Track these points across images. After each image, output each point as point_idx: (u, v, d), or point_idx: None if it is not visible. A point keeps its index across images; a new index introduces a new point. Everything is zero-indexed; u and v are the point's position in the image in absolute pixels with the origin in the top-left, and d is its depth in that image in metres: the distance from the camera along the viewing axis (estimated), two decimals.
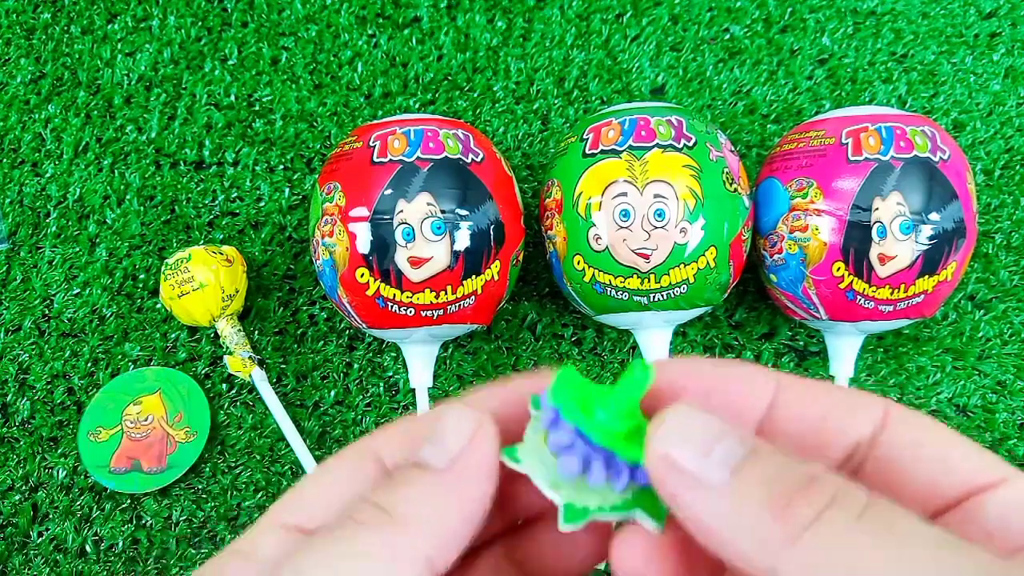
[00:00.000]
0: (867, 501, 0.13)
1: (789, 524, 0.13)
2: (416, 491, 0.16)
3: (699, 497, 0.15)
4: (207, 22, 0.56)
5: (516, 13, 0.56)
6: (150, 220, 0.52)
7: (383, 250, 0.40)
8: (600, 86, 0.55)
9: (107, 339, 0.49)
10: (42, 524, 0.46)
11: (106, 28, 0.56)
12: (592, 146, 0.42)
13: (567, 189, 0.42)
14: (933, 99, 0.54)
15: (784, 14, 0.56)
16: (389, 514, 0.15)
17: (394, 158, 0.41)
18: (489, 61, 0.55)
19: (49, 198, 0.53)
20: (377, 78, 0.55)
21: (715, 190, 0.40)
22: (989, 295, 0.50)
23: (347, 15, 0.56)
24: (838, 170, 0.41)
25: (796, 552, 0.13)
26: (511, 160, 0.53)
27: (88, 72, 0.55)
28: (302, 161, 0.53)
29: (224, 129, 0.54)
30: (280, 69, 0.55)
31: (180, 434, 0.46)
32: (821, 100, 0.54)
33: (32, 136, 0.54)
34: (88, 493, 0.46)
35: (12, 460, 0.47)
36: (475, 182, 0.41)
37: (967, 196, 0.41)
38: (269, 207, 0.52)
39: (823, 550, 0.13)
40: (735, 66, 0.55)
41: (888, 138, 0.40)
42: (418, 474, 0.16)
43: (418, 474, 0.16)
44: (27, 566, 0.45)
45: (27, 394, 0.48)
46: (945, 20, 0.56)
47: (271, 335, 0.49)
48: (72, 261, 0.51)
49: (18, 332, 0.50)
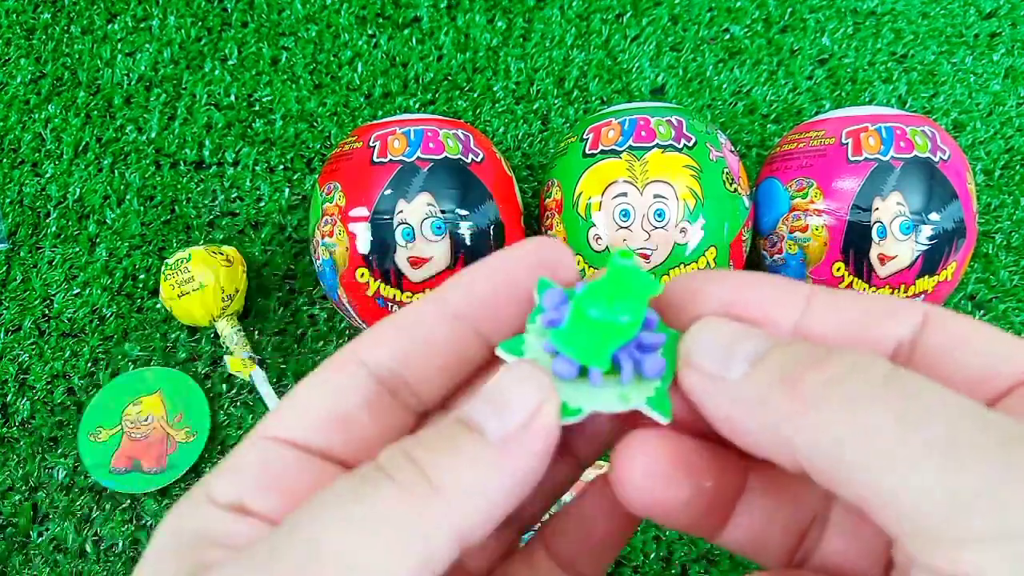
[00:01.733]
0: (888, 371, 0.13)
1: (801, 394, 0.13)
2: (463, 461, 0.14)
3: (720, 389, 0.14)
4: (207, 22, 0.56)
5: (516, 13, 0.56)
6: (150, 220, 0.52)
7: (383, 250, 0.40)
8: (600, 86, 0.55)
9: (107, 339, 0.49)
10: (42, 524, 0.46)
11: (106, 28, 0.56)
12: (592, 146, 0.42)
13: (567, 189, 0.42)
14: (933, 99, 0.54)
15: (784, 14, 0.56)
16: (429, 479, 0.14)
17: (394, 158, 0.41)
18: (489, 61, 0.55)
19: (49, 198, 0.53)
20: (377, 78, 0.55)
21: (715, 190, 0.40)
22: (989, 295, 0.50)
23: (347, 15, 0.56)
24: (838, 170, 0.41)
25: (809, 420, 0.13)
26: (511, 160, 0.53)
27: (88, 72, 0.55)
28: (302, 161, 0.53)
29: (224, 129, 0.54)
30: (280, 69, 0.55)
31: (180, 434, 0.46)
32: (821, 100, 0.54)
33: (32, 136, 0.54)
34: (88, 493, 0.46)
35: (12, 460, 0.47)
36: (475, 182, 0.41)
37: (967, 196, 0.41)
38: (269, 207, 0.52)
39: (838, 417, 0.13)
40: (735, 66, 0.55)
41: (888, 138, 0.40)
42: (467, 439, 0.14)
43: (467, 439, 0.14)
44: (27, 566, 0.45)
45: (27, 394, 0.48)
46: (945, 20, 0.56)
47: (271, 335, 0.49)
48: (72, 261, 0.51)
49: (18, 332, 0.50)
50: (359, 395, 0.16)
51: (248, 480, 0.15)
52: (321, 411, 0.16)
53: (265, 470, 0.16)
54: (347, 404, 0.16)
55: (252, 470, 0.16)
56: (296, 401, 0.16)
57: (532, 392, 0.15)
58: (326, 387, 0.16)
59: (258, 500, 0.15)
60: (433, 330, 0.17)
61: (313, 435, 0.16)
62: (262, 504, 0.15)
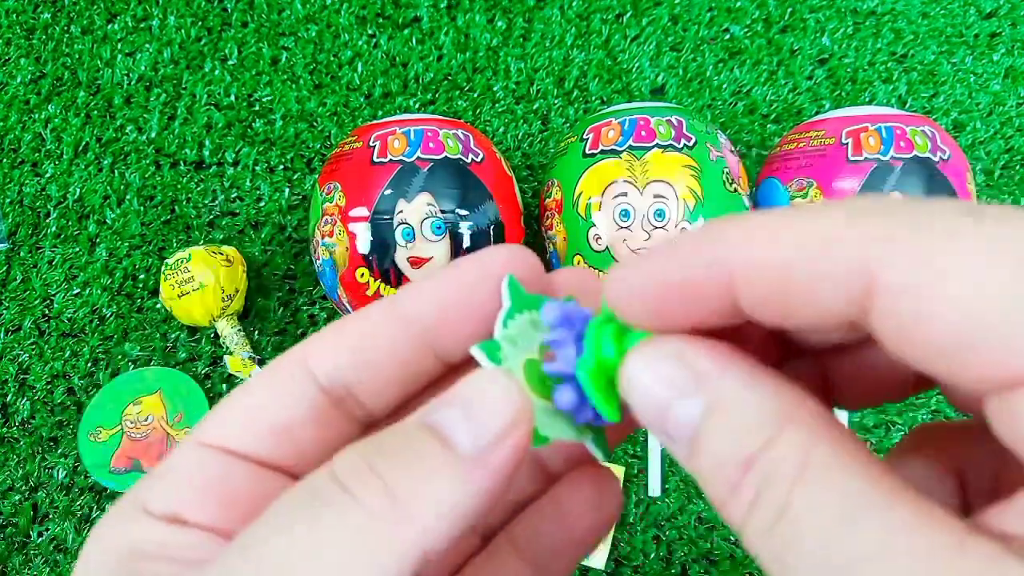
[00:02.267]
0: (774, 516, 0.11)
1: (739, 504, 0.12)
2: (428, 474, 0.13)
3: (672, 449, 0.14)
4: (207, 22, 0.56)
5: (516, 13, 0.56)
6: (150, 220, 0.52)
7: (383, 250, 0.40)
8: (600, 86, 0.55)
9: (107, 339, 0.49)
10: (42, 524, 0.46)
11: (106, 28, 0.56)
12: (592, 146, 0.42)
13: (567, 189, 0.42)
14: (933, 99, 0.54)
15: (784, 14, 0.56)
16: (392, 495, 0.13)
17: (394, 158, 0.41)
18: (489, 61, 0.55)
19: (49, 198, 0.53)
20: (377, 78, 0.55)
21: (715, 190, 0.40)
22: None
23: (347, 15, 0.56)
24: (838, 170, 0.41)
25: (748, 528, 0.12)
26: (511, 160, 0.53)
27: (88, 72, 0.55)
28: (302, 161, 0.53)
29: (224, 129, 0.54)
30: (280, 69, 0.55)
31: (180, 434, 0.46)
32: (821, 100, 0.54)
33: (32, 136, 0.54)
34: (88, 493, 0.46)
35: (12, 460, 0.47)
36: (475, 182, 0.41)
37: (967, 196, 0.41)
38: (269, 207, 0.52)
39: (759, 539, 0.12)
40: (735, 66, 0.55)
41: (888, 138, 0.40)
42: (434, 449, 0.13)
43: (434, 449, 0.13)
44: (27, 566, 0.45)
45: (27, 394, 0.48)
46: (945, 20, 0.56)
47: (271, 335, 0.49)
48: (72, 261, 0.51)
49: (18, 332, 0.50)
50: (302, 403, 0.15)
51: (184, 489, 0.15)
52: (261, 418, 0.15)
53: (202, 478, 0.15)
54: (289, 412, 0.15)
55: (188, 479, 0.15)
56: (234, 406, 0.16)
57: (509, 409, 0.14)
58: (266, 393, 0.16)
59: (195, 510, 0.14)
60: (383, 339, 0.16)
61: (251, 442, 0.15)
62: (199, 514, 0.14)
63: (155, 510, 0.14)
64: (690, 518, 0.46)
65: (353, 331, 0.16)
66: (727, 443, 0.12)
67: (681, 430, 0.13)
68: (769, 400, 0.12)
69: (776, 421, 0.12)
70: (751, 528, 0.12)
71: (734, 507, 0.12)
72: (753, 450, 0.12)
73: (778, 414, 0.12)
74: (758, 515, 0.12)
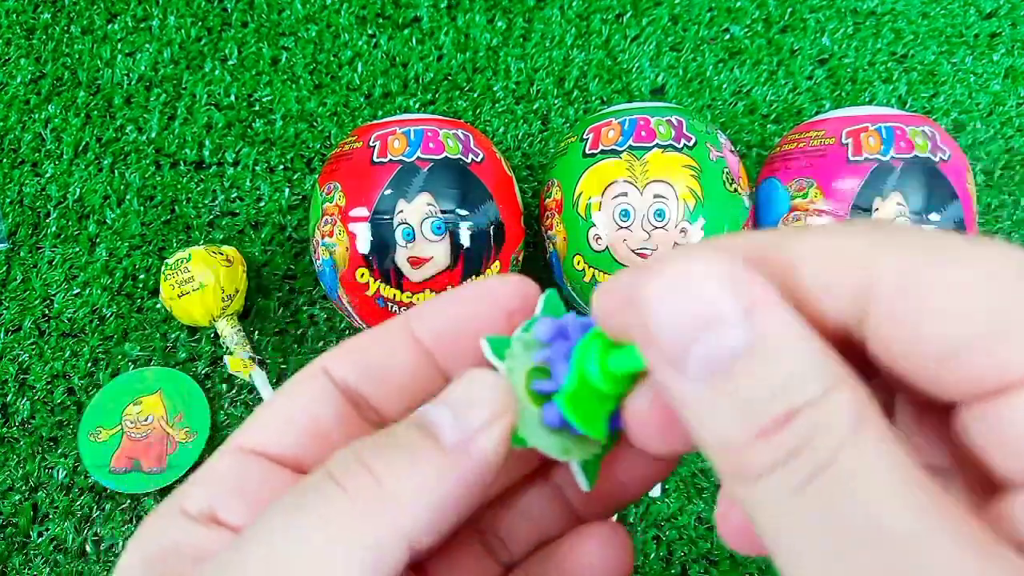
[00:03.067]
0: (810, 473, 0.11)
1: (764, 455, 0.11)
2: (415, 463, 0.14)
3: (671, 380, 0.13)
4: (207, 22, 0.56)
5: (516, 13, 0.56)
6: (150, 220, 0.52)
7: (383, 250, 0.40)
8: (600, 86, 0.55)
9: (107, 339, 0.49)
10: (42, 524, 0.46)
11: (106, 28, 0.56)
12: (592, 146, 0.42)
13: (567, 189, 0.42)
14: (933, 99, 0.54)
15: (784, 14, 0.56)
16: (378, 483, 0.13)
17: (394, 158, 0.41)
18: (489, 61, 0.55)
19: (49, 198, 0.52)
20: (377, 78, 0.55)
21: (715, 190, 0.40)
22: None
23: (347, 15, 0.56)
24: (838, 170, 0.41)
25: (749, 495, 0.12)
26: (511, 160, 0.53)
27: (88, 72, 0.55)
28: (302, 161, 0.53)
29: (224, 129, 0.54)
30: (280, 69, 0.55)
31: (180, 434, 0.46)
32: (821, 100, 0.54)
33: (32, 136, 0.54)
34: (88, 493, 0.46)
35: (12, 460, 0.47)
36: (475, 182, 0.41)
37: (967, 196, 0.41)
38: (269, 207, 0.52)
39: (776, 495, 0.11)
40: (735, 66, 0.55)
41: (888, 138, 0.40)
42: (421, 442, 0.14)
43: (421, 442, 0.14)
44: (27, 566, 0.45)
45: (27, 394, 0.48)
46: (945, 20, 0.56)
47: (271, 335, 0.49)
48: (72, 261, 0.51)
49: (18, 332, 0.50)
50: (331, 408, 0.16)
51: (221, 490, 0.15)
52: (294, 423, 0.16)
53: (238, 481, 0.16)
54: (320, 416, 0.16)
55: (225, 481, 0.16)
56: (270, 412, 0.17)
57: (492, 400, 0.14)
58: (299, 399, 0.17)
59: (230, 510, 0.15)
60: (395, 353, 0.17)
61: (287, 446, 0.16)
62: (234, 514, 0.15)
63: (192, 510, 0.15)
64: (690, 518, 0.46)
65: (368, 343, 0.17)
66: (766, 388, 0.11)
67: (706, 362, 0.12)
68: (822, 354, 0.11)
69: (831, 377, 0.11)
70: (773, 483, 0.11)
71: (755, 456, 0.11)
72: (801, 402, 0.11)
73: (832, 371, 0.11)
74: (789, 470, 0.11)
